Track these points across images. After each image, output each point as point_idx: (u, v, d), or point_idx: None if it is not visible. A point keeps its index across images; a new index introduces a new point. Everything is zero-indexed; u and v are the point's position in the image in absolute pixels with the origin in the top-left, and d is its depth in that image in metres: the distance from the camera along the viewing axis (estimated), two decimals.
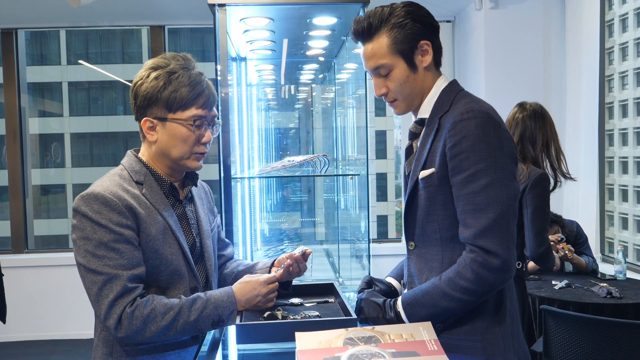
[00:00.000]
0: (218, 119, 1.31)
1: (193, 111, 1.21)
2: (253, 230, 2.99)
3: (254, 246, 3.05)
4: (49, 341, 4.13)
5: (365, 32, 1.24)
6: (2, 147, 4.50)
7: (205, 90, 1.24)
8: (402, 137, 4.56)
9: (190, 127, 1.22)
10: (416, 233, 1.28)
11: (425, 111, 1.28)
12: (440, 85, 1.28)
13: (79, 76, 15.93)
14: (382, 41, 1.22)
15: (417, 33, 1.22)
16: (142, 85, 1.21)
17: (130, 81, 1.26)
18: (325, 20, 2.08)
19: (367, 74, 1.89)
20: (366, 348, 0.99)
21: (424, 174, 1.22)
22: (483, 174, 1.14)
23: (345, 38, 2.31)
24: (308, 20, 2.07)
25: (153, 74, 1.21)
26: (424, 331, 1.04)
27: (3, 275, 3.16)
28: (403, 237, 4.64)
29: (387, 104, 1.30)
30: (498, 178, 1.14)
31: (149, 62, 1.25)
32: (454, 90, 1.27)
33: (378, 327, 1.06)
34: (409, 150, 1.32)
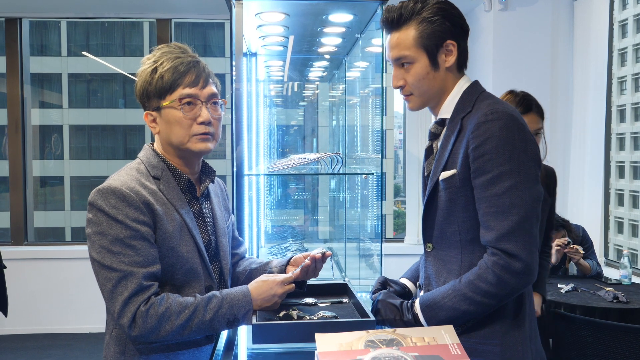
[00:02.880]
0: (222, 98, 1.27)
1: (180, 91, 1.19)
2: (258, 228, 2.97)
3: (259, 243, 3.03)
4: (47, 335, 4.10)
5: (394, 21, 1.23)
6: (2, 138, 4.45)
7: (192, 68, 1.21)
8: (404, 137, 4.54)
9: (180, 107, 1.19)
10: (435, 234, 1.26)
11: (446, 112, 1.26)
12: (462, 85, 1.26)
13: (80, 68, 15.84)
14: (409, 33, 1.21)
15: (445, 31, 1.21)
16: (138, 83, 1.23)
17: (133, 74, 1.26)
18: (340, 17, 2.06)
19: (383, 75, 1.86)
20: (388, 351, 0.97)
21: (445, 175, 1.21)
22: (507, 176, 1.12)
23: (359, 36, 2.29)
24: (324, 17, 2.05)
25: (141, 69, 1.22)
26: (447, 335, 1.02)
27: (5, 267, 3.14)
28: (405, 237, 4.60)
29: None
30: (522, 181, 1.12)
31: (143, 59, 1.26)
32: (476, 91, 1.25)
33: (399, 330, 1.04)
34: (429, 151, 1.30)
